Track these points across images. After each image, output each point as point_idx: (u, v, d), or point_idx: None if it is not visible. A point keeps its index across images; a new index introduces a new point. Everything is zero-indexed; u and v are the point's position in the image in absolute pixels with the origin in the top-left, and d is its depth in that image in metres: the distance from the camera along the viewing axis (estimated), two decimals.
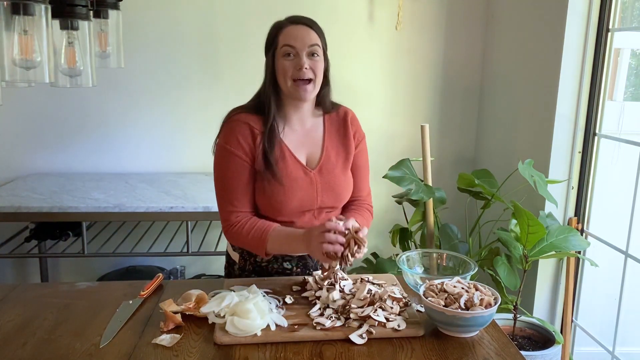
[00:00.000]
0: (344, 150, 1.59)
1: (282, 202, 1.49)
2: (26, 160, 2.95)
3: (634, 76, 2.55)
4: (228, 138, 1.50)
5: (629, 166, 2.21)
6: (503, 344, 1.22)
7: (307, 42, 1.46)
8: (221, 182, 1.52)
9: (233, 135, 1.50)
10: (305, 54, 1.46)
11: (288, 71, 1.46)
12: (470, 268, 1.46)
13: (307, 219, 1.54)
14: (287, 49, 1.46)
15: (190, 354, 1.16)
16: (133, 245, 2.69)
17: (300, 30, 1.47)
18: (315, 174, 1.53)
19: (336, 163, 1.57)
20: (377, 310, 1.27)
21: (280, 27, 1.50)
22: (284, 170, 1.49)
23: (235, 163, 1.49)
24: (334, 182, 1.55)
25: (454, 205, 2.79)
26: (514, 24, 2.74)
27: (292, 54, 1.46)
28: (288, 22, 1.50)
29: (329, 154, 1.57)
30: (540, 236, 2.09)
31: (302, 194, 1.51)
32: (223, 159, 1.51)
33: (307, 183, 1.52)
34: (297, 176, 1.51)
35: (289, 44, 1.46)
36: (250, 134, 1.49)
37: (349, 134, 1.60)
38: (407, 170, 2.39)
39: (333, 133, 1.59)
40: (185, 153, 3.02)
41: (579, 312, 2.52)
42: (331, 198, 1.56)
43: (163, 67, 2.92)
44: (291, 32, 1.47)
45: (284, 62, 1.47)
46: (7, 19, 1.29)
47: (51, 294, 1.44)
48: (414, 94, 3.07)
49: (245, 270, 1.61)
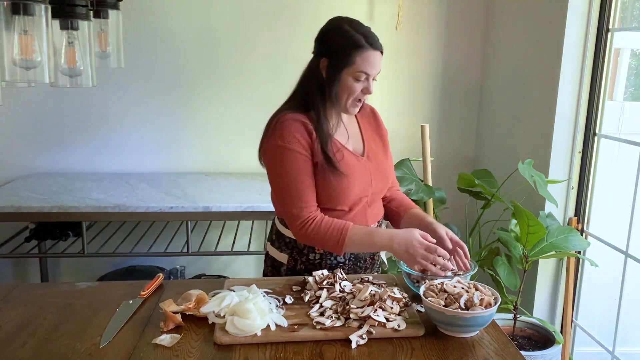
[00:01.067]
0: (380, 139, 1.70)
1: (345, 191, 1.54)
2: (26, 160, 2.95)
3: (634, 76, 2.55)
4: (286, 137, 1.51)
5: (629, 166, 2.21)
6: (503, 344, 1.22)
7: (378, 69, 1.52)
8: (286, 181, 1.52)
9: (290, 134, 1.51)
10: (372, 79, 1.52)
11: (355, 92, 1.52)
12: (470, 268, 1.46)
13: (362, 207, 1.60)
14: (362, 75, 1.50)
15: (190, 354, 1.16)
16: (133, 245, 2.69)
17: (378, 58, 1.51)
18: (366, 160, 1.61)
19: (377, 150, 1.66)
20: (377, 310, 1.27)
21: (360, 47, 1.48)
22: (341, 161, 1.54)
23: (298, 159, 1.51)
24: (382, 167, 1.65)
25: (454, 205, 2.79)
26: (514, 24, 2.74)
27: (364, 78, 1.51)
28: (368, 44, 1.49)
29: (370, 143, 1.65)
30: (540, 236, 2.09)
31: (360, 181, 1.57)
32: (284, 158, 1.51)
33: (362, 170, 1.58)
34: (354, 164, 1.57)
35: (367, 71, 1.49)
36: (305, 131, 1.52)
37: (380, 125, 1.73)
38: (407, 170, 2.39)
39: (367, 126, 1.69)
40: (185, 153, 3.02)
41: (579, 312, 2.52)
42: (382, 183, 1.65)
43: (163, 67, 2.92)
44: (371, 59, 1.49)
45: (355, 84, 1.51)
46: (7, 19, 1.29)
47: (51, 294, 1.44)
48: (414, 94, 3.08)
49: (296, 271, 1.62)
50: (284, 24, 2.93)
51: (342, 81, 1.50)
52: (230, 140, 3.02)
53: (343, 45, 1.49)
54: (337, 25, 1.53)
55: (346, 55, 1.48)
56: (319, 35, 1.56)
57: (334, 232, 1.48)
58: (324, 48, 1.53)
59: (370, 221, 1.63)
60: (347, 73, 1.49)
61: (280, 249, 1.64)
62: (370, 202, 1.62)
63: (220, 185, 2.75)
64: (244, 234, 2.89)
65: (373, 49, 1.49)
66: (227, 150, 3.03)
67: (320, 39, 1.55)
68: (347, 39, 1.49)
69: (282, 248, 1.64)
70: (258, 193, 2.59)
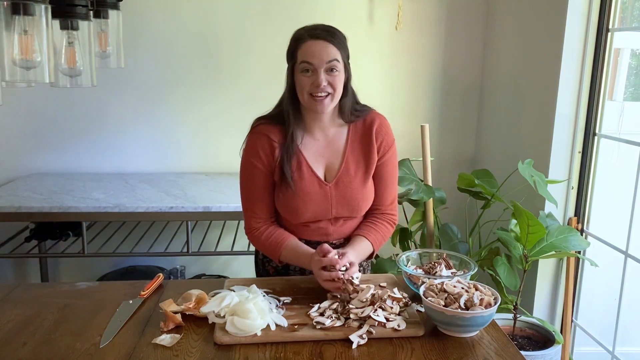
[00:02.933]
0: (365, 161, 1.59)
1: (297, 211, 1.55)
2: (26, 160, 2.95)
3: (634, 76, 2.54)
4: (249, 149, 1.58)
5: (629, 166, 2.20)
6: (503, 344, 1.22)
7: (325, 58, 1.45)
8: (243, 190, 1.62)
9: (254, 147, 1.56)
10: (323, 70, 1.46)
11: (305, 87, 1.48)
12: (470, 268, 1.46)
13: (323, 224, 1.60)
14: (305, 66, 1.47)
15: (190, 354, 1.16)
16: (133, 245, 2.69)
17: (319, 45, 1.45)
18: (332, 187, 1.56)
19: (355, 175, 1.57)
20: (377, 310, 1.27)
21: (299, 40, 1.48)
22: (299, 182, 1.53)
23: (255, 173, 1.56)
24: (350, 195, 1.57)
25: (454, 205, 2.79)
26: (514, 24, 2.74)
27: (310, 70, 1.46)
28: (307, 35, 1.47)
29: (349, 165, 1.58)
30: (540, 236, 2.09)
31: (315, 206, 1.55)
32: (245, 169, 1.59)
33: (321, 196, 1.55)
34: (311, 190, 1.55)
35: (307, 60, 1.46)
36: (269, 147, 1.54)
37: (372, 144, 1.59)
38: (407, 170, 2.39)
39: (356, 143, 1.59)
40: (185, 153, 3.02)
41: (579, 312, 2.52)
42: (346, 210, 1.58)
43: (163, 67, 2.92)
44: (310, 49, 1.46)
45: (302, 77, 1.48)
46: (7, 19, 1.29)
47: (51, 294, 1.44)
48: (414, 94, 3.07)
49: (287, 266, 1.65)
50: (284, 24, 2.91)
51: (295, 80, 1.50)
52: (230, 140, 3.00)
53: (290, 45, 1.52)
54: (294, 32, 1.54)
55: (291, 53, 1.50)
56: None
57: (272, 243, 1.57)
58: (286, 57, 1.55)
59: (334, 237, 1.62)
60: (297, 70, 1.49)
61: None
62: (334, 222, 1.60)
63: (220, 185, 2.75)
64: (244, 234, 2.88)
65: (312, 39, 1.46)
66: (227, 150, 3.03)
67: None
68: (292, 39, 1.52)
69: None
70: None
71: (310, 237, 1.60)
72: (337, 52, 1.47)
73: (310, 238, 1.59)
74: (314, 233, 1.59)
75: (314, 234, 1.59)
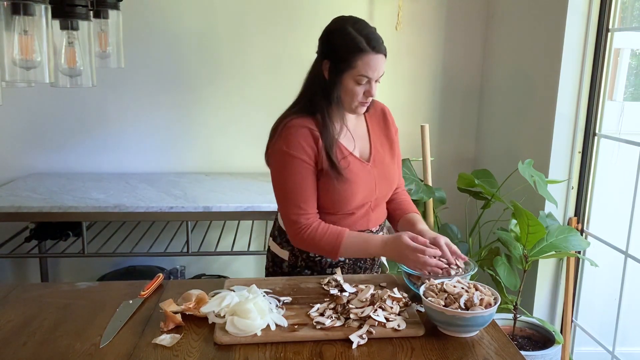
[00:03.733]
0: (387, 141, 1.68)
1: (349, 198, 1.54)
2: (26, 160, 2.95)
3: (634, 76, 2.54)
4: (290, 143, 1.51)
5: (629, 166, 2.20)
6: (503, 344, 1.22)
7: (380, 72, 1.50)
8: (287, 187, 1.53)
9: (295, 140, 1.51)
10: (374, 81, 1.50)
11: (358, 95, 1.50)
12: (470, 268, 1.46)
13: (365, 211, 1.60)
14: (363, 78, 1.48)
15: (190, 354, 1.16)
16: (133, 245, 2.69)
17: (380, 61, 1.48)
18: (371, 166, 1.59)
19: (384, 154, 1.65)
20: (377, 310, 1.27)
21: (361, 50, 1.45)
22: (346, 167, 1.53)
23: (301, 167, 1.51)
24: (387, 171, 1.64)
25: (454, 205, 2.79)
26: (514, 24, 2.74)
27: (365, 81, 1.49)
28: (370, 47, 1.45)
29: (377, 146, 1.64)
30: (540, 236, 2.09)
31: (365, 187, 1.56)
32: (287, 164, 1.52)
33: (367, 176, 1.58)
34: (358, 170, 1.56)
35: (368, 75, 1.47)
36: (311, 137, 1.51)
37: (390, 126, 1.69)
38: (407, 170, 2.39)
39: (375, 127, 1.67)
40: (185, 153, 3.02)
41: (579, 312, 2.52)
42: (386, 187, 1.64)
43: (163, 67, 2.92)
44: (372, 63, 1.46)
45: (356, 87, 1.49)
46: (7, 19, 1.29)
47: (51, 294, 1.44)
48: (414, 94, 3.07)
49: (297, 267, 1.63)
50: (284, 24, 2.94)
51: (343, 84, 1.49)
52: (230, 140, 3.02)
53: (344, 48, 1.46)
54: (340, 26, 1.49)
55: (347, 59, 1.46)
56: (323, 35, 1.54)
57: (330, 239, 1.50)
58: (326, 49, 1.51)
59: (373, 224, 1.63)
60: (349, 76, 1.47)
61: (282, 245, 1.65)
62: (373, 207, 1.62)
63: (220, 185, 2.75)
64: (244, 234, 2.89)
65: (375, 53, 1.46)
66: (227, 150, 3.03)
67: (323, 40, 1.53)
68: (348, 42, 1.46)
69: (284, 244, 1.64)
70: (258, 193, 2.59)
71: (352, 228, 1.58)
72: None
73: (352, 229, 1.58)
74: (358, 222, 1.59)
75: (357, 223, 1.59)
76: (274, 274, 1.69)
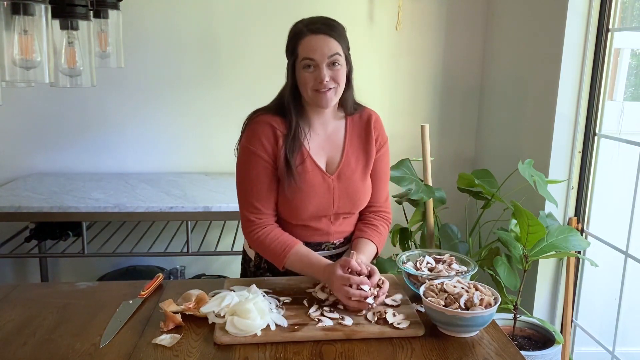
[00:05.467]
0: (365, 155, 1.58)
1: (299, 207, 1.50)
2: (26, 160, 2.95)
3: (634, 76, 2.54)
4: (251, 139, 1.50)
5: (629, 166, 2.20)
6: (503, 344, 1.22)
7: (327, 53, 1.43)
8: (243, 183, 1.52)
9: (256, 136, 1.49)
10: (325, 65, 1.43)
11: (308, 83, 1.45)
12: (470, 268, 1.46)
13: (324, 223, 1.56)
14: (307, 62, 1.44)
15: (190, 354, 1.16)
16: (133, 245, 2.69)
17: (320, 40, 1.43)
18: (334, 179, 1.53)
19: (355, 169, 1.56)
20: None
21: (299, 35, 1.45)
22: (303, 174, 1.49)
23: (258, 164, 1.49)
24: (352, 188, 1.55)
25: (454, 205, 2.79)
26: (514, 24, 2.74)
27: (312, 65, 1.44)
28: (307, 30, 1.44)
29: (349, 159, 1.56)
30: (540, 236, 2.09)
31: (319, 200, 1.51)
32: (246, 160, 1.51)
33: (324, 189, 1.52)
34: (315, 182, 1.51)
35: (309, 56, 1.43)
36: (272, 135, 1.49)
37: (371, 138, 1.59)
38: (407, 170, 2.39)
39: (355, 137, 1.58)
40: (185, 153, 3.02)
41: (579, 312, 2.52)
42: (348, 204, 1.56)
43: (163, 67, 2.92)
44: (310, 44, 1.43)
45: (305, 74, 1.45)
46: (7, 19, 1.29)
47: (51, 294, 1.44)
48: (414, 94, 3.07)
49: (260, 268, 1.62)
50: (284, 24, 2.90)
51: (297, 75, 1.47)
52: (230, 140, 2.97)
53: (290, 41, 1.49)
54: (293, 25, 1.51)
55: (292, 49, 1.47)
56: None
57: (276, 248, 1.48)
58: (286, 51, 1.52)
59: (335, 237, 1.60)
60: (298, 67, 1.46)
61: (250, 245, 1.62)
62: (334, 220, 1.57)
63: (220, 185, 2.75)
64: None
65: (312, 34, 1.44)
66: (227, 150, 3.00)
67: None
68: (291, 34, 1.49)
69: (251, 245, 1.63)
70: None
71: (311, 239, 1.56)
72: (338, 45, 1.45)
73: (310, 240, 1.55)
74: (315, 234, 1.56)
75: (314, 234, 1.56)
76: (244, 272, 1.70)
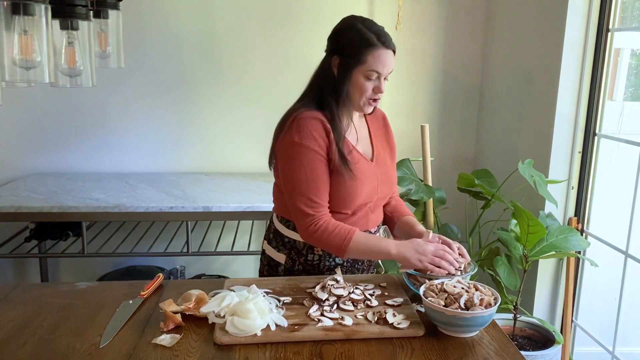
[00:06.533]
0: (388, 145, 1.71)
1: (352, 195, 1.53)
2: (26, 160, 2.95)
3: (634, 76, 2.54)
4: (303, 135, 1.49)
5: (629, 166, 2.21)
6: (503, 344, 1.22)
7: (390, 68, 1.50)
8: (298, 179, 1.49)
9: (308, 131, 1.49)
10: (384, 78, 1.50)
11: (367, 91, 1.50)
12: (470, 268, 1.46)
13: (365, 211, 1.60)
14: (373, 73, 1.48)
15: (190, 354, 1.16)
16: (133, 245, 2.69)
17: (389, 57, 1.49)
18: (375, 165, 1.60)
19: (385, 156, 1.66)
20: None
21: (372, 45, 1.46)
22: (354, 164, 1.53)
23: (313, 158, 1.49)
24: (388, 173, 1.65)
25: (454, 205, 2.79)
26: (514, 24, 2.74)
27: (375, 77, 1.49)
28: (380, 42, 1.47)
29: (378, 147, 1.65)
30: (540, 236, 2.09)
31: (368, 186, 1.56)
32: (301, 156, 1.49)
33: (371, 175, 1.58)
34: (365, 168, 1.56)
35: (378, 70, 1.47)
36: (323, 129, 1.50)
37: (390, 132, 1.73)
38: (407, 170, 2.39)
39: (377, 130, 1.69)
40: (185, 153, 3.02)
41: (579, 312, 2.52)
42: (386, 189, 1.64)
43: (163, 67, 2.92)
44: (382, 58, 1.47)
45: (366, 82, 1.49)
46: (7, 19, 1.29)
47: (51, 294, 1.44)
48: (414, 94, 3.07)
49: (294, 271, 1.61)
50: (285, 25, 2.93)
51: (353, 80, 1.49)
52: (230, 140, 3.02)
53: (355, 43, 1.47)
54: (350, 23, 1.51)
55: (358, 54, 1.47)
56: (332, 33, 1.54)
57: (340, 235, 1.47)
58: (336, 46, 1.51)
59: (372, 225, 1.63)
60: (359, 71, 1.48)
61: (278, 249, 1.63)
62: (373, 208, 1.62)
63: (220, 185, 2.75)
64: (244, 234, 2.89)
65: (385, 48, 1.47)
66: (227, 150, 3.03)
67: (332, 37, 1.54)
68: (359, 37, 1.47)
69: (280, 248, 1.63)
70: (258, 193, 2.59)
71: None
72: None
73: None
74: (358, 222, 1.58)
75: (357, 223, 1.57)
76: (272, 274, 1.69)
